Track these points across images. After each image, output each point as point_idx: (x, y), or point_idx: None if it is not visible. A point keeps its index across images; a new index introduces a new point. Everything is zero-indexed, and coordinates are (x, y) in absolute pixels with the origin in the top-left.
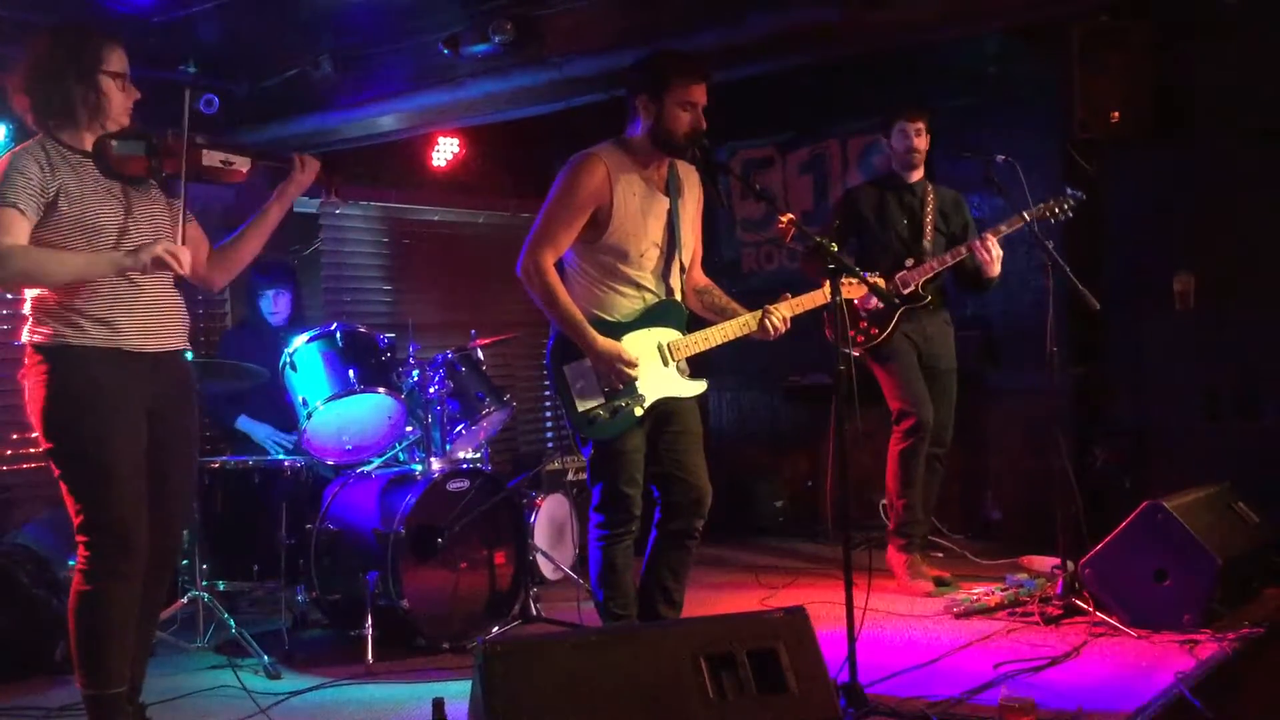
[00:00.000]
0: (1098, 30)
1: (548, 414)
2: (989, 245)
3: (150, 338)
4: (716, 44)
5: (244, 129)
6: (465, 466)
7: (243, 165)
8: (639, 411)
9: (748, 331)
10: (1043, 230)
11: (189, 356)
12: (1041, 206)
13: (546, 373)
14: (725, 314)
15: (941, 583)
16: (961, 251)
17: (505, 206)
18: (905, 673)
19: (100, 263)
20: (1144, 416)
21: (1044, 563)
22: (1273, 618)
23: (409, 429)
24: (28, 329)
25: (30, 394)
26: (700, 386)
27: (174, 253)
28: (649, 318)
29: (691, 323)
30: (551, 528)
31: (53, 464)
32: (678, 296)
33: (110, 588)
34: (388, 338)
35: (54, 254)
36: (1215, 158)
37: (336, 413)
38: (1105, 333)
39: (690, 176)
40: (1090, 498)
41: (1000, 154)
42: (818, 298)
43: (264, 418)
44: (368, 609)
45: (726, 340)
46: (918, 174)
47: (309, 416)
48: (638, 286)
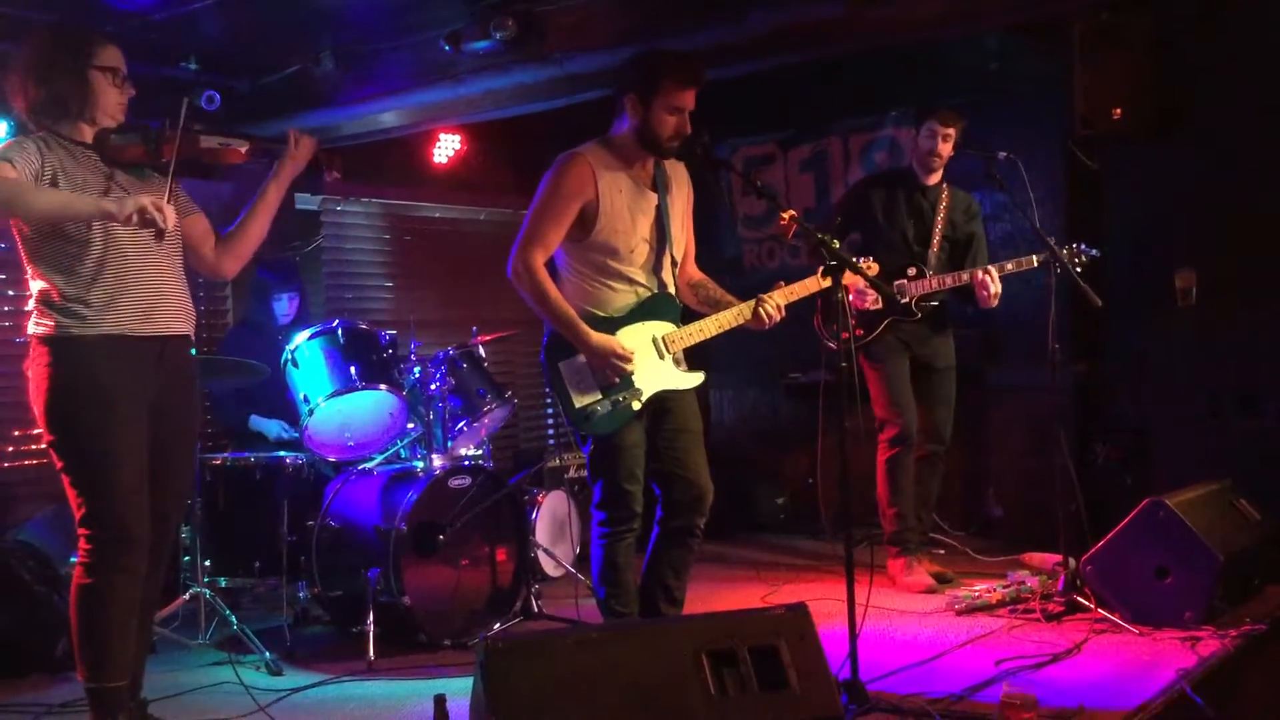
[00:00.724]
0: (1099, 27)
1: (549, 411)
2: (990, 281)
3: (153, 320)
4: (718, 41)
5: (245, 125)
6: (467, 463)
7: (241, 145)
8: (636, 405)
9: (742, 321)
10: (1044, 227)
11: (191, 353)
12: (1057, 250)
13: (541, 369)
14: (720, 307)
15: (942, 579)
16: (963, 278)
17: (507, 203)
18: (906, 669)
19: (83, 203)
20: (1145, 413)
21: (1045, 560)
22: (1274, 615)
23: (410, 426)
24: (32, 321)
25: (34, 386)
26: (698, 378)
27: (159, 206)
28: (642, 312)
29: (688, 317)
30: (553, 524)
31: (55, 456)
32: (671, 291)
33: (112, 581)
34: (389, 334)
35: (35, 185)
36: (1217, 154)
37: (338, 409)
38: (1107, 330)
39: (678, 172)
40: (1091, 495)
41: (1002, 151)
42: (811, 285)
43: (273, 414)
44: (369, 606)
45: (721, 330)
46: (935, 177)
47: (311, 413)
48: (630, 282)
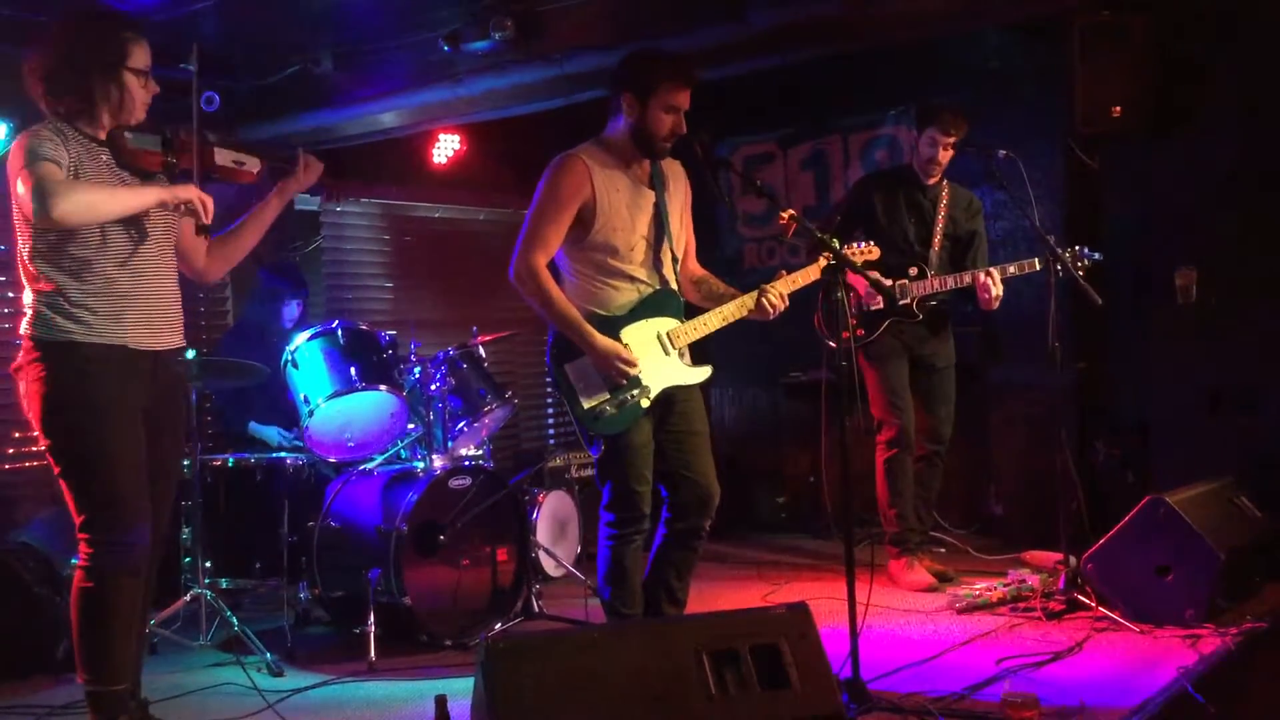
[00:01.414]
0: (1099, 25)
1: (550, 410)
2: (992, 283)
3: (155, 335)
4: (717, 40)
5: (245, 126)
6: (467, 464)
7: (253, 166)
8: (645, 403)
9: (746, 312)
10: (1043, 225)
11: (190, 355)
12: (1060, 252)
13: (548, 372)
14: (723, 301)
15: (943, 577)
16: (965, 279)
17: (506, 203)
18: (908, 668)
19: (146, 194)
20: (1146, 411)
21: (1046, 558)
22: (1275, 612)
23: (411, 426)
24: (29, 321)
25: (28, 390)
26: (705, 372)
27: (204, 200)
28: (646, 309)
29: (691, 313)
30: (554, 524)
31: (53, 461)
32: (673, 286)
33: (116, 585)
34: (389, 335)
35: (100, 186)
36: (1217, 152)
37: (338, 410)
38: (1107, 328)
39: (674, 169)
40: (1092, 493)
41: (1002, 149)
42: (813, 272)
43: (270, 419)
44: (370, 606)
45: (726, 322)
46: (936, 176)
47: (311, 414)
48: (631, 280)
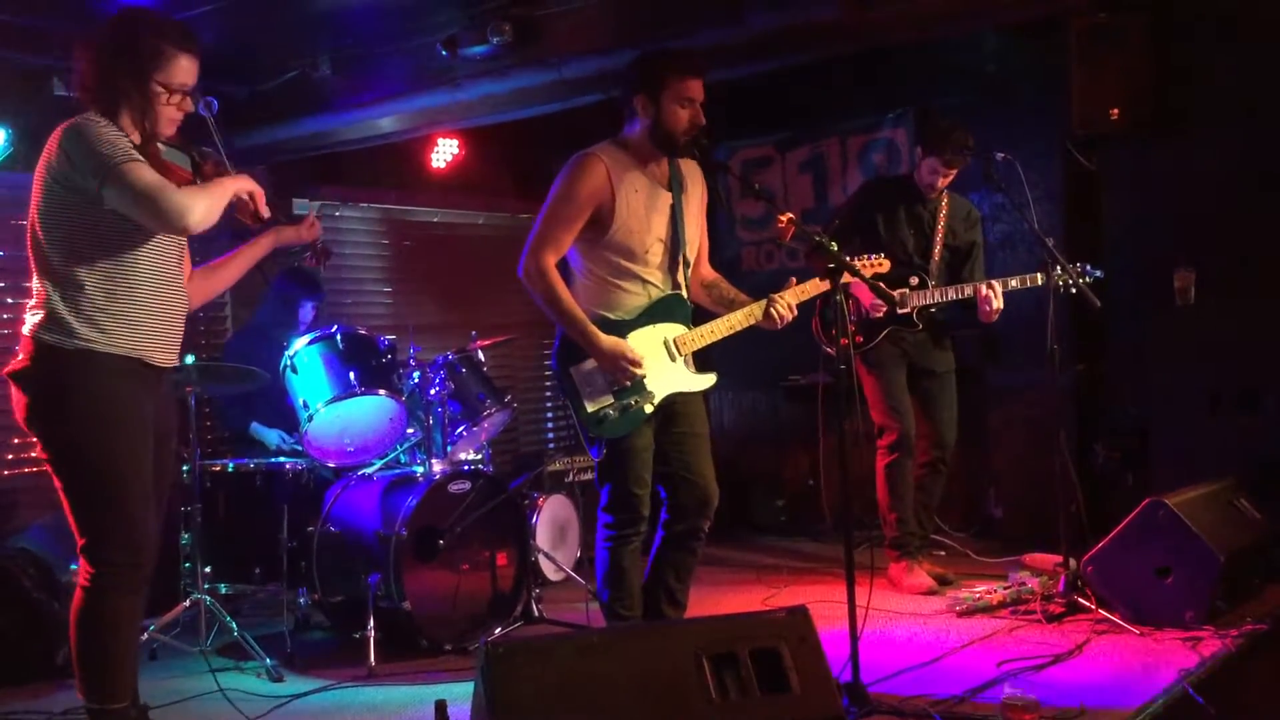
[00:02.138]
0: (1096, 27)
1: (549, 415)
2: (993, 295)
3: (168, 351)
4: (716, 43)
5: (244, 131)
6: (466, 468)
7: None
8: (649, 408)
9: (753, 321)
10: (1042, 227)
11: (189, 361)
12: (1061, 269)
13: (553, 375)
14: (734, 307)
15: (943, 580)
16: (966, 291)
17: (505, 207)
18: (908, 671)
19: (227, 187)
20: (1146, 413)
21: (1046, 560)
22: (1276, 614)
23: (410, 431)
24: (41, 324)
25: (34, 395)
26: (709, 380)
27: (262, 197)
28: (653, 314)
29: (701, 317)
30: (553, 528)
31: (55, 473)
32: (684, 292)
33: (122, 605)
34: (388, 339)
35: (205, 189)
36: (1215, 153)
37: (337, 415)
38: (1106, 329)
39: (692, 172)
40: (1092, 495)
41: (1000, 151)
42: (818, 285)
43: (273, 423)
44: (370, 611)
45: (733, 331)
46: (935, 193)
47: (310, 419)
48: (644, 283)
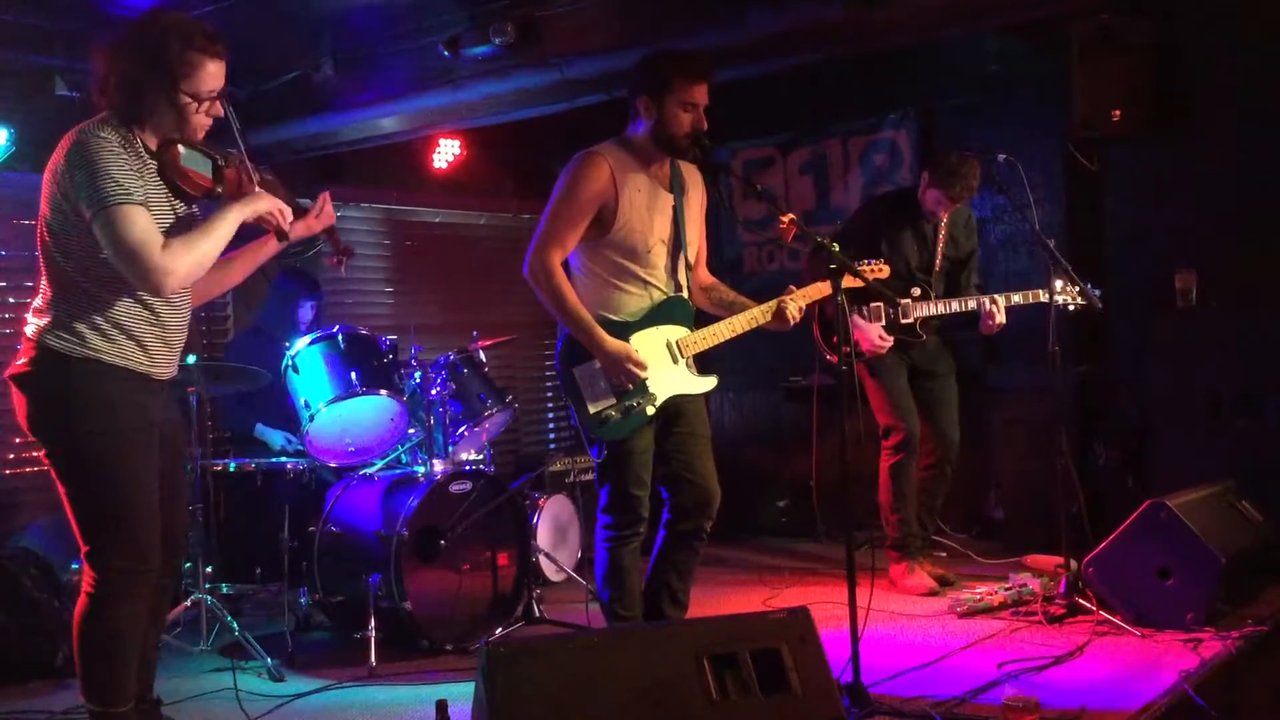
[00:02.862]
0: (1098, 28)
1: (550, 415)
2: (996, 311)
3: (171, 365)
4: (717, 44)
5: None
6: (468, 468)
7: (285, 214)
8: (650, 411)
9: (756, 325)
10: (1043, 228)
11: (191, 361)
12: (1064, 287)
13: (556, 375)
14: (733, 309)
15: (944, 581)
16: (969, 304)
17: (507, 208)
18: (909, 672)
19: (231, 220)
20: (1146, 415)
21: (1047, 562)
22: (1276, 616)
23: (411, 431)
24: (47, 329)
25: (38, 401)
26: (710, 383)
27: (283, 209)
28: (656, 316)
29: (700, 320)
30: (554, 529)
31: (58, 477)
32: (685, 294)
33: (124, 611)
34: (390, 340)
35: (201, 237)
36: (1217, 155)
37: (339, 415)
38: (1107, 331)
39: (693, 174)
40: (1093, 496)
41: (1001, 153)
42: (824, 288)
43: (277, 425)
44: (371, 611)
45: (736, 334)
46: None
47: (311, 419)
48: (645, 284)
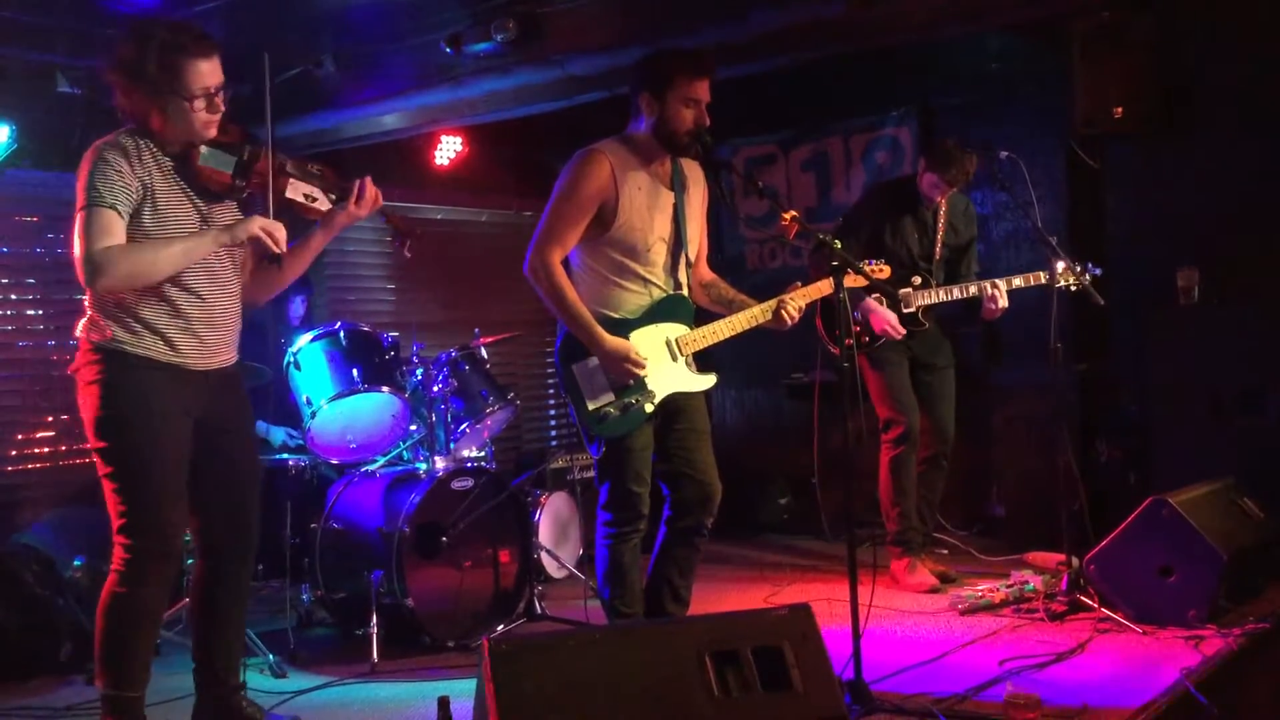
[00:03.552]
0: (1100, 26)
1: (552, 412)
2: (999, 295)
3: (207, 355)
4: (719, 41)
5: (248, 129)
6: (469, 465)
7: (323, 205)
8: (649, 408)
9: (756, 323)
10: (1045, 226)
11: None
12: (1064, 268)
13: (555, 372)
14: (733, 307)
15: (945, 579)
16: (970, 290)
17: (508, 205)
18: (910, 670)
19: (201, 244)
20: (1148, 412)
21: (1049, 559)
22: (1278, 613)
23: (413, 428)
24: (85, 324)
25: (82, 392)
26: (710, 380)
27: (270, 229)
28: (656, 313)
29: (700, 317)
30: (556, 526)
31: (99, 464)
32: (685, 291)
33: (144, 592)
34: (391, 336)
35: (152, 247)
36: (1219, 152)
37: (340, 412)
38: (1109, 328)
39: (694, 172)
40: (1095, 494)
41: (1004, 150)
42: (825, 287)
43: (278, 422)
44: (373, 608)
45: (736, 333)
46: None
47: (313, 415)
48: (645, 282)
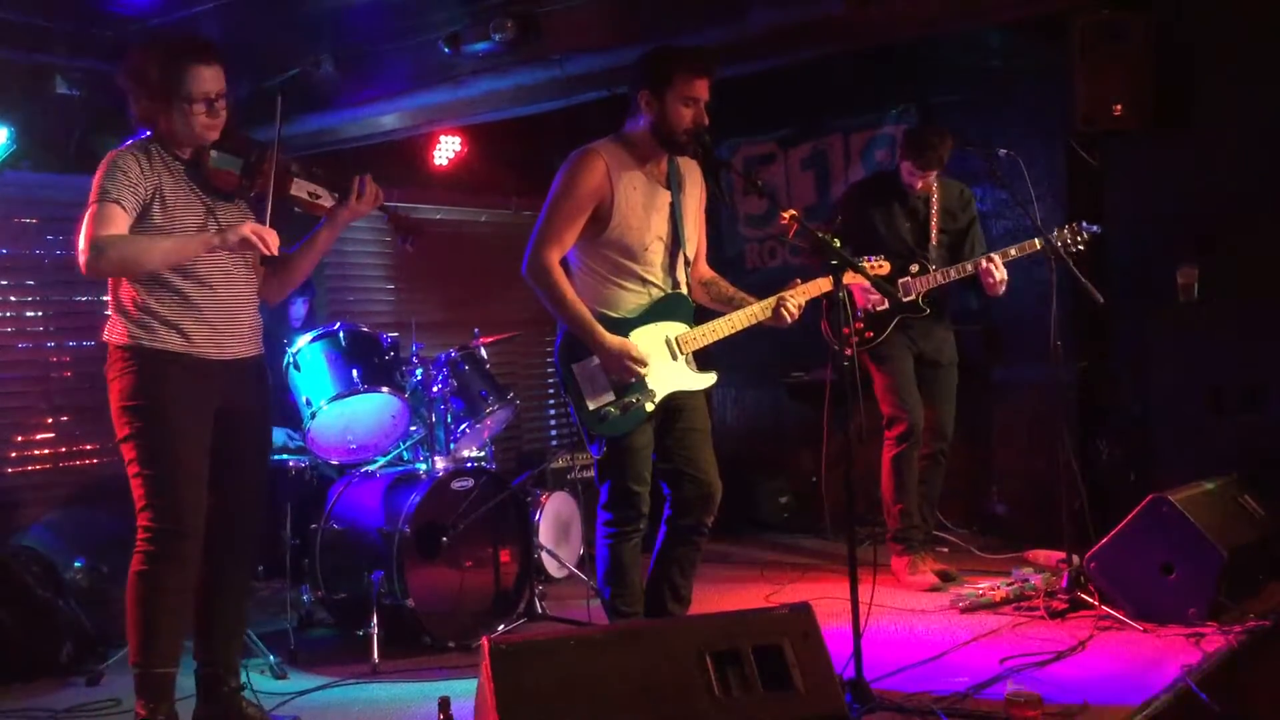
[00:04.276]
0: (1099, 23)
1: (552, 411)
2: (994, 268)
3: (221, 347)
4: (719, 40)
5: (246, 129)
6: (469, 465)
7: (327, 201)
8: (650, 407)
9: (755, 321)
10: (1046, 223)
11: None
12: (1059, 232)
13: (555, 372)
14: (733, 304)
15: (946, 577)
16: (967, 268)
17: (507, 204)
18: (911, 668)
19: (190, 244)
20: (1148, 409)
21: (1049, 557)
22: (1279, 610)
23: (413, 428)
24: (106, 328)
25: (108, 390)
26: (710, 379)
27: (260, 234)
28: (655, 312)
29: (700, 315)
30: (556, 525)
31: (124, 453)
32: (684, 290)
33: (164, 570)
34: (391, 337)
35: (145, 239)
36: (1218, 149)
37: (340, 412)
38: (1109, 326)
39: (691, 170)
40: (1095, 491)
41: (1003, 148)
42: (825, 284)
43: (278, 422)
44: (373, 608)
45: (735, 331)
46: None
47: (313, 416)
48: (644, 282)
